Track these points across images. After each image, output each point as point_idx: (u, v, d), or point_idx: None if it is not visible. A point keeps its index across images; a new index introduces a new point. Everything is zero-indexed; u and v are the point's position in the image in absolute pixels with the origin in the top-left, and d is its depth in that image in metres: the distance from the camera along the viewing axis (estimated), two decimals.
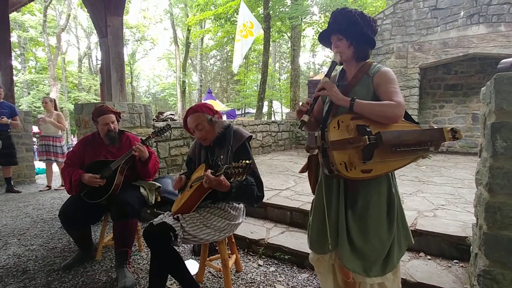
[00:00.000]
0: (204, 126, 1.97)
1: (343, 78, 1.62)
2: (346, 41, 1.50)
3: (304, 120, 1.45)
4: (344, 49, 1.51)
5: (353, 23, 1.47)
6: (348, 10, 1.50)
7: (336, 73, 1.68)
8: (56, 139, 5.46)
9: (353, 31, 1.48)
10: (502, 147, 1.42)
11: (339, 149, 1.34)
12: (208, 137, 2.00)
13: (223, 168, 1.65)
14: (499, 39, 6.59)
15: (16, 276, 2.35)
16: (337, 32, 1.52)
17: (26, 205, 4.42)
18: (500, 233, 1.46)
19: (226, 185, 1.72)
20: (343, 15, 1.50)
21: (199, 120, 1.97)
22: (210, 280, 2.29)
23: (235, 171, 1.57)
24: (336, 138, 1.35)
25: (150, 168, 2.55)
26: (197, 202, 1.90)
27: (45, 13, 18.56)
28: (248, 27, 9.11)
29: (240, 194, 1.80)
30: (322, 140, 1.42)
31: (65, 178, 2.55)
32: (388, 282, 1.48)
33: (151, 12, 34.25)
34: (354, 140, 1.33)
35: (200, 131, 1.97)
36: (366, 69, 1.52)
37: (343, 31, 1.50)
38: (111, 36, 4.23)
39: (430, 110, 8.38)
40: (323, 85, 1.45)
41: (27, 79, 22.45)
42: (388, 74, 1.47)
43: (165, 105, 32.90)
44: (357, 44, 1.50)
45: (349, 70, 1.59)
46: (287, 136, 8.99)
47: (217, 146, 2.04)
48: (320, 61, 29.39)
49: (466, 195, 3.36)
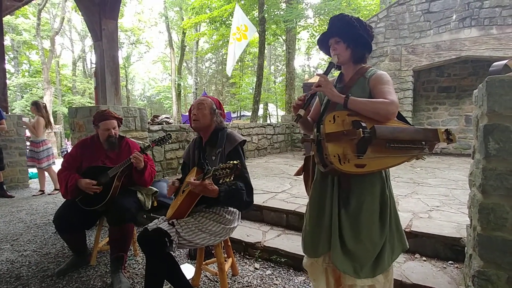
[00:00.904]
0: (205, 108, 2.04)
1: (340, 81, 1.66)
2: (343, 43, 1.56)
3: (300, 114, 1.48)
4: (341, 51, 1.57)
5: (350, 26, 1.53)
6: (345, 15, 1.57)
7: (334, 77, 1.72)
8: (35, 144, 5.34)
9: (350, 34, 1.54)
10: (494, 149, 1.44)
11: (333, 141, 1.36)
12: (201, 120, 2.03)
13: (211, 171, 1.67)
14: (491, 42, 6.69)
15: (10, 282, 2.32)
16: (335, 35, 1.58)
17: (19, 210, 4.37)
18: (493, 234, 1.47)
19: (213, 189, 1.73)
20: (340, 19, 1.57)
21: (205, 103, 2.05)
22: (206, 284, 2.27)
23: (223, 172, 1.59)
24: (331, 130, 1.37)
25: (146, 177, 2.52)
26: (189, 208, 1.89)
27: (39, 16, 18.41)
28: (242, 30, 9.14)
29: (228, 198, 1.80)
30: (317, 132, 1.44)
31: (60, 182, 2.48)
32: (378, 285, 1.48)
33: (146, 15, 34.07)
34: (348, 132, 1.36)
35: (199, 110, 2.03)
36: (363, 72, 1.57)
37: (340, 34, 1.56)
38: (105, 40, 4.22)
39: (424, 112, 8.45)
40: (319, 82, 1.49)
41: (20, 83, 22.20)
42: (383, 76, 1.52)
43: (160, 108, 32.77)
44: (354, 47, 1.56)
45: (347, 73, 1.64)
46: (282, 139, 9.00)
47: (209, 145, 2.06)
48: (315, 63, 29.53)
49: (460, 196, 3.39)
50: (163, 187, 3.24)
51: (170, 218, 1.90)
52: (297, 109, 1.51)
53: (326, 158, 1.36)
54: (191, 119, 2.07)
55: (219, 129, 2.07)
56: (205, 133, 2.08)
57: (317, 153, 1.45)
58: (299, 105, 1.52)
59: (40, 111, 5.36)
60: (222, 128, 2.09)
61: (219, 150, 1.98)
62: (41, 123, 5.34)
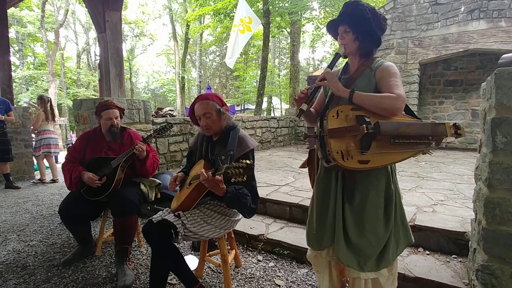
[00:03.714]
0: (212, 114, 1.93)
1: (346, 72, 1.61)
2: (353, 34, 1.48)
3: (303, 109, 1.44)
4: (349, 42, 1.50)
5: (363, 18, 1.45)
6: (361, 4, 1.47)
7: (340, 68, 1.67)
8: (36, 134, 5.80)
9: (361, 26, 1.46)
10: (502, 143, 1.42)
11: (336, 137, 1.33)
12: (213, 127, 1.95)
13: (223, 168, 1.60)
14: (500, 35, 6.57)
15: (16, 271, 2.36)
16: (345, 23, 1.49)
17: (25, 201, 4.42)
18: (499, 228, 1.46)
19: (222, 188, 1.68)
20: (354, 7, 1.47)
21: (208, 109, 1.93)
22: (210, 275, 2.30)
23: (236, 171, 1.52)
24: (334, 126, 1.34)
25: (148, 166, 2.53)
26: (196, 201, 1.89)
27: (43, 8, 18.43)
28: (246, 22, 9.04)
29: (233, 200, 1.74)
30: (320, 128, 1.41)
31: (65, 174, 2.52)
32: (382, 278, 1.47)
33: (149, 7, 34.03)
34: (351, 129, 1.32)
35: (207, 119, 1.93)
36: (369, 63, 1.51)
37: (351, 23, 1.48)
38: (109, 32, 4.21)
39: (430, 106, 8.37)
40: (324, 76, 1.45)
41: (25, 75, 22.32)
42: (390, 68, 1.45)
43: (164, 101, 32.82)
44: (363, 40, 1.49)
45: (352, 64, 1.59)
46: (286, 132, 8.98)
47: (219, 144, 1.99)
48: (320, 56, 29.35)
49: (465, 190, 3.36)
50: (166, 179, 3.25)
51: (175, 210, 1.90)
52: (299, 103, 1.48)
53: (329, 154, 1.33)
54: (204, 128, 1.97)
55: (229, 127, 2.00)
56: (216, 133, 2.02)
57: (320, 148, 1.42)
58: (302, 98, 1.48)
59: (43, 105, 5.67)
60: (233, 127, 2.01)
61: (230, 152, 1.88)
62: (40, 116, 5.66)
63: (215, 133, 2.01)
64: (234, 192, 1.73)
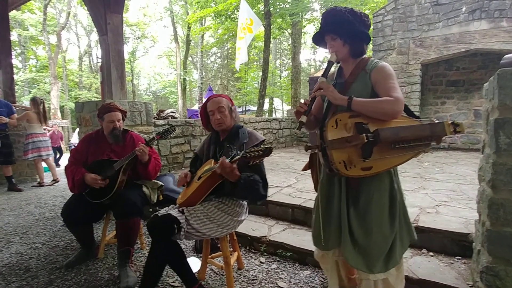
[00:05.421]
0: (225, 109, 2.05)
1: (340, 76, 1.61)
2: (340, 40, 1.50)
3: (302, 121, 1.45)
4: (339, 48, 1.51)
5: (344, 21, 1.46)
6: (338, 9, 1.49)
7: (334, 71, 1.67)
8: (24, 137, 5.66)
9: (345, 30, 1.48)
10: (505, 143, 1.41)
11: (337, 148, 1.34)
12: (227, 123, 2.05)
13: (240, 154, 1.68)
14: (501, 35, 6.54)
15: (19, 274, 2.36)
16: (330, 32, 1.51)
17: (28, 203, 4.43)
18: (503, 230, 1.45)
19: (237, 174, 1.76)
20: (333, 15, 1.49)
21: (222, 103, 2.05)
22: (212, 277, 2.29)
23: (255, 154, 1.59)
24: (334, 137, 1.35)
25: (150, 170, 2.53)
26: (205, 193, 1.91)
27: (45, 11, 18.51)
28: (247, 24, 9.04)
29: (246, 186, 1.81)
30: (321, 139, 1.41)
31: (68, 176, 2.52)
32: (391, 277, 1.48)
33: (151, 9, 34.09)
34: (351, 139, 1.33)
35: (221, 113, 2.03)
36: (363, 65, 1.51)
37: (335, 30, 1.49)
38: (111, 34, 4.22)
39: (432, 106, 8.34)
40: (319, 85, 1.45)
41: (27, 78, 22.42)
42: (385, 69, 1.45)
43: (166, 103, 32.86)
44: (352, 42, 1.50)
45: (346, 67, 1.59)
46: (288, 133, 8.97)
47: (228, 141, 2.06)
48: (321, 58, 29.31)
49: (468, 191, 3.35)
50: (168, 181, 3.25)
51: (181, 204, 1.93)
52: (299, 115, 1.48)
53: (332, 165, 1.35)
54: (216, 123, 2.05)
55: (238, 126, 2.10)
56: (225, 131, 2.10)
57: (323, 158, 1.43)
58: (301, 112, 1.47)
59: (36, 107, 5.56)
60: (240, 126, 2.12)
61: (244, 141, 1.99)
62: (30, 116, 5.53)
63: (224, 130, 2.08)
64: (247, 178, 1.81)
